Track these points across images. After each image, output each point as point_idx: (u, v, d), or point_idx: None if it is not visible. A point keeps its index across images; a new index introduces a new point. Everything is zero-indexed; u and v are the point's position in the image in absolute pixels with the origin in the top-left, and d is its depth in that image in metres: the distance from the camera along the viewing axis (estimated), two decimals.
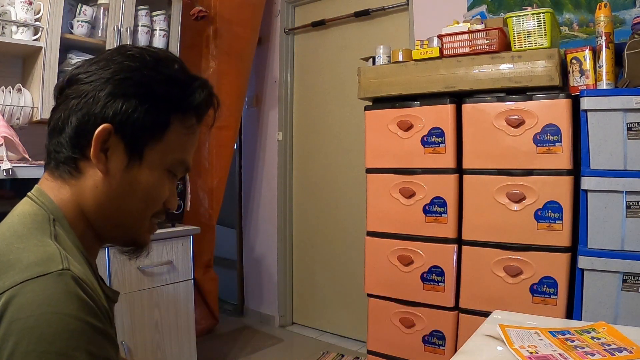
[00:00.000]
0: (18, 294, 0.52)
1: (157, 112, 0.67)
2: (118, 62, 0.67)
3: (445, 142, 1.86)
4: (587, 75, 1.69)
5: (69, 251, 0.61)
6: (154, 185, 0.70)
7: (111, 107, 0.65)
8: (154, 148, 0.68)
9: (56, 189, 0.67)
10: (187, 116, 0.70)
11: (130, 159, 0.67)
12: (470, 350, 0.94)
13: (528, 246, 1.70)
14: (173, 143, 0.69)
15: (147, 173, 0.68)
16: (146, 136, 0.67)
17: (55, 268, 0.55)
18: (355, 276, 2.79)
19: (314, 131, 3.16)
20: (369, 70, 2.09)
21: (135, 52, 0.69)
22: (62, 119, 0.67)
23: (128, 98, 0.65)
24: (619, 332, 0.95)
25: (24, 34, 1.99)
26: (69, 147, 0.66)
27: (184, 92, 0.69)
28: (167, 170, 0.71)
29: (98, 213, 0.68)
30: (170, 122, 0.68)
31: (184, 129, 0.70)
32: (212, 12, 2.80)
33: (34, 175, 1.84)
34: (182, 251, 2.29)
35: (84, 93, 0.65)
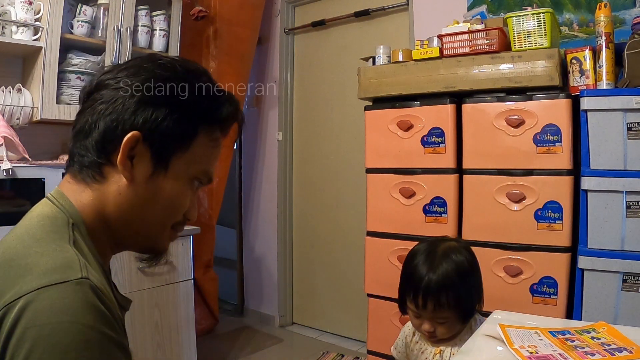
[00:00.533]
0: (35, 299, 0.52)
1: (186, 122, 0.67)
2: (149, 70, 0.67)
3: (445, 142, 1.86)
4: (587, 75, 1.69)
5: (86, 257, 0.60)
6: (178, 195, 0.70)
7: (141, 114, 0.64)
8: (180, 158, 0.68)
9: (77, 192, 0.67)
10: (213, 128, 0.71)
11: (156, 167, 0.67)
12: (470, 350, 0.94)
13: (528, 246, 1.70)
14: (198, 154, 0.70)
15: (172, 182, 0.69)
16: (173, 146, 0.67)
17: (75, 276, 0.54)
18: (355, 276, 2.79)
19: (314, 131, 3.16)
20: (369, 70, 2.09)
21: (167, 62, 0.70)
22: (89, 123, 0.66)
23: (158, 107, 0.65)
24: (619, 332, 0.95)
25: (24, 34, 1.99)
26: (94, 152, 0.66)
27: (212, 105, 0.70)
28: (190, 180, 0.71)
29: (119, 219, 0.68)
30: (197, 133, 0.69)
31: (209, 141, 0.71)
32: (212, 12, 2.80)
33: (34, 175, 1.84)
34: (182, 251, 2.29)
35: (113, 99, 0.65)
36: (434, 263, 1.21)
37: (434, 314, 1.21)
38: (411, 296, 1.21)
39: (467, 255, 1.26)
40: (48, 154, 2.25)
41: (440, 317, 1.21)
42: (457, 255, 1.23)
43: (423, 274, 1.21)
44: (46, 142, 2.26)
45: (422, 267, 1.22)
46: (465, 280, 1.22)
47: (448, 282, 1.19)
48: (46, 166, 1.90)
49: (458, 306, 1.21)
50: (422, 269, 1.22)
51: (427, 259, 1.23)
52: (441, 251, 1.24)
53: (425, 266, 1.22)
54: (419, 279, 1.20)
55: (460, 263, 1.22)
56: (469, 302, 1.23)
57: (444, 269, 1.20)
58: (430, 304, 1.19)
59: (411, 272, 1.24)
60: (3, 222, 1.75)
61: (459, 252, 1.25)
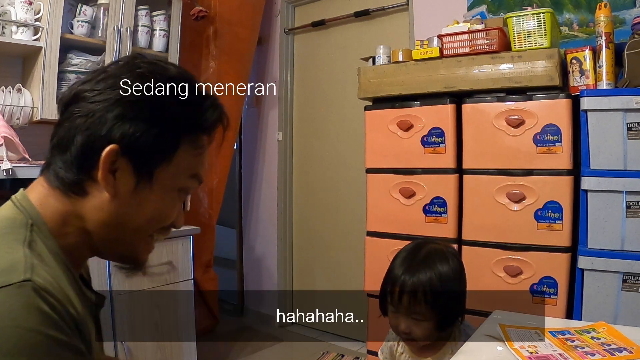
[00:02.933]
0: None
1: (167, 134, 0.65)
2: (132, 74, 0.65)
3: (445, 142, 1.86)
4: (587, 75, 1.69)
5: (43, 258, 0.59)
6: (165, 206, 0.69)
7: (118, 129, 0.62)
8: (164, 169, 0.66)
9: (47, 196, 0.65)
10: (198, 136, 0.69)
11: (139, 180, 0.65)
12: (470, 350, 0.94)
13: (528, 246, 1.70)
14: (183, 163, 0.68)
15: (158, 194, 0.67)
16: (155, 158, 0.65)
17: (17, 279, 0.52)
18: (356, 276, 2.79)
19: (314, 131, 3.16)
20: (369, 70, 2.09)
21: (145, 71, 0.67)
22: (67, 137, 0.65)
23: (137, 121, 0.63)
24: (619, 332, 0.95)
25: (24, 34, 1.99)
26: (74, 168, 0.64)
27: (195, 113, 0.68)
28: (178, 190, 0.69)
29: (102, 232, 0.66)
30: (180, 144, 0.66)
31: (194, 149, 0.69)
32: (212, 12, 2.79)
33: (34, 176, 1.83)
34: (182, 251, 2.29)
35: (90, 112, 0.63)
36: (415, 260, 1.22)
37: (410, 309, 1.19)
38: (388, 291, 1.22)
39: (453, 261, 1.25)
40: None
41: (415, 313, 1.19)
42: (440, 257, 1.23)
43: (402, 269, 1.22)
44: (46, 142, 2.22)
45: (402, 263, 1.23)
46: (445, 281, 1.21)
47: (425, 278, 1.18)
48: None
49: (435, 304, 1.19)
50: (402, 265, 1.23)
51: (408, 256, 1.24)
52: (425, 252, 1.24)
53: (406, 262, 1.23)
54: (397, 275, 1.21)
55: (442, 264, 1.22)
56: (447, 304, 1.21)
57: (423, 265, 1.21)
58: (405, 298, 1.19)
59: (391, 269, 1.25)
60: None
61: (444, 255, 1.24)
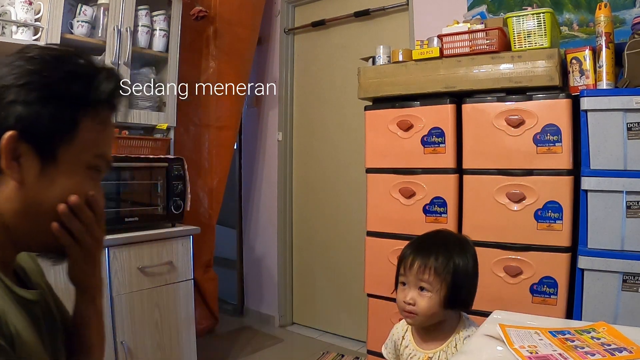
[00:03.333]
0: None
1: (62, 112, 0.65)
2: (18, 67, 0.65)
3: (445, 142, 1.86)
4: (587, 75, 1.69)
5: None
6: (74, 186, 0.67)
7: (12, 114, 0.62)
8: (67, 148, 0.65)
9: None
10: (97, 110, 0.68)
11: (44, 163, 0.64)
12: (470, 350, 0.94)
13: (528, 246, 1.70)
14: (87, 140, 0.67)
15: (65, 175, 0.66)
16: (55, 138, 0.64)
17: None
18: (355, 276, 2.79)
19: (314, 131, 3.16)
20: (369, 70, 2.09)
21: (35, 54, 0.67)
22: None
23: (29, 104, 0.62)
24: (619, 332, 0.95)
25: (24, 34, 1.99)
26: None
27: (89, 87, 0.67)
28: (86, 168, 0.68)
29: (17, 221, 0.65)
30: (78, 120, 0.66)
31: (96, 124, 0.68)
32: (212, 12, 2.80)
33: None
34: (182, 251, 2.29)
35: None
36: (432, 238, 1.27)
37: (418, 276, 1.20)
38: (402, 260, 1.25)
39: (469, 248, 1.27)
40: None
41: (423, 281, 1.19)
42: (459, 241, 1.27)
43: (417, 242, 1.27)
44: None
45: (419, 239, 1.29)
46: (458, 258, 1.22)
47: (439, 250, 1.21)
48: None
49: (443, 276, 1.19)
50: (418, 239, 1.28)
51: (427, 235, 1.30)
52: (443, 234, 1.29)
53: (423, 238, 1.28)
54: (412, 245, 1.26)
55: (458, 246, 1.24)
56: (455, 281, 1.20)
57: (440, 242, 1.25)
58: (416, 264, 1.21)
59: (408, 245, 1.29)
60: None
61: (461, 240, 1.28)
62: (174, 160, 2.34)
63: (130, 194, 2.28)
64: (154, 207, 2.31)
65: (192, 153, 2.83)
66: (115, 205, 2.18)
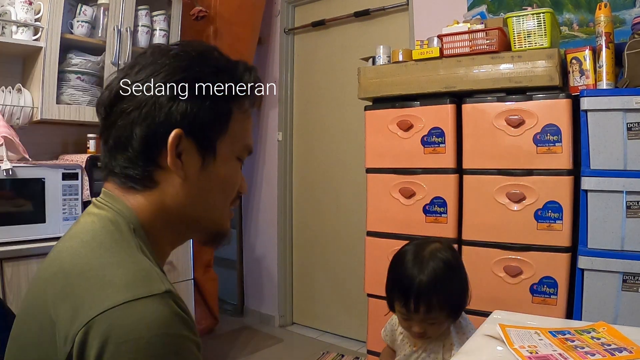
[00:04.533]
0: (123, 314, 0.52)
1: (219, 105, 0.67)
2: (167, 64, 0.66)
3: (445, 142, 1.86)
4: (587, 75, 1.69)
5: (153, 263, 0.61)
6: (231, 176, 0.71)
7: (177, 111, 0.63)
8: (223, 141, 0.68)
9: (129, 197, 0.66)
10: (243, 102, 0.70)
11: (205, 157, 0.67)
12: (470, 350, 0.94)
13: (528, 246, 1.70)
14: (238, 130, 0.70)
15: (223, 166, 0.69)
16: (215, 131, 0.67)
17: (158, 290, 0.55)
18: (355, 276, 2.79)
19: (314, 131, 3.16)
20: (369, 70, 2.09)
21: (179, 50, 0.68)
22: (124, 135, 0.64)
23: (190, 99, 0.64)
24: (619, 332, 0.95)
25: (24, 34, 1.99)
26: (141, 161, 0.64)
27: (235, 79, 0.69)
28: (236, 158, 0.71)
29: (182, 215, 0.68)
30: (232, 111, 0.69)
31: (242, 115, 0.71)
32: (212, 12, 2.80)
33: (34, 175, 1.84)
34: (182, 251, 2.29)
35: (142, 103, 0.63)
36: (423, 266, 1.22)
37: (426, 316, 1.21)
38: (402, 302, 1.22)
39: (452, 253, 1.28)
40: (48, 154, 2.25)
41: (431, 318, 1.21)
42: (443, 255, 1.24)
43: (413, 278, 1.21)
44: (46, 142, 2.26)
45: (411, 271, 1.22)
46: (454, 279, 1.23)
47: (438, 283, 1.19)
48: (46, 166, 1.90)
49: (449, 306, 1.22)
50: (411, 273, 1.22)
51: (415, 262, 1.23)
52: (428, 253, 1.25)
53: (415, 270, 1.22)
54: (409, 284, 1.20)
55: (447, 262, 1.23)
56: (458, 300, 1.24)
57: (433, 270, 1.20)
58: (422, 308, 1.20)
59: (400, 277, 1.24)
60: (3, 222, 1.75)
61: (444, 251, 1.26)
62: None
63: None
64: None
65: None
66: None
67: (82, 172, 1.99)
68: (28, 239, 1.79)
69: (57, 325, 0.54)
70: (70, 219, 1.92)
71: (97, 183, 2.05)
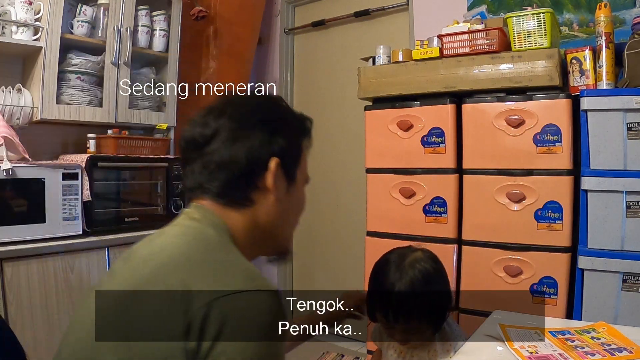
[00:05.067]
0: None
1: (297, 142, 0.86)
2: (258, 106, 0.86)
3: (445, 142, 1.86)
4: (587, 75, 1.69)
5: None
6: (303, 199, 0.90)
7: (275, 144, 0.80)
8: (298, 169, 0.85)
9: (227, 214, 0.79)
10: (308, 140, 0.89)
11: (289, 182, 0.83)
12: (470, 350, 0.94)
13: (528, 246, 1.69)
14: (304, 162, 0.88)
15: (298, 190, 0.87)
16: (295, 162, 0.85)
17: (272, 287, 0.69)
18: (355, 276, 2.79)
19: (314, 131, 3.15)
20: (369, 70, 2.09)
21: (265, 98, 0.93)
22: (228, 160, 0.78)
23: (282, 134, 0.81)
24: (619, 332, 0.95)
25: (24, 34, 1.99)
26: (243, 184, 0.79)
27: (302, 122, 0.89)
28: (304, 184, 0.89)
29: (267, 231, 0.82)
30: (302, 146, 0.87)
31: (307, 150, 0.89)
32: (212, 12, 2.79)
33: (34, 175, 1.84)
34: None
35: (243, 136, 0.78)
36: (401, 276, 1.23)
37: (406, 326, 1.22)
38: (381, 312, 1.22)
39: (432, 263, 1.28)
40: (48, 154, 2.25)
41: (412, 328, 1.22)
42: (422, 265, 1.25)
43: (391, 288, 1.22)
44: (46, 142, 2.26)
45: (389, 282, 1.23)
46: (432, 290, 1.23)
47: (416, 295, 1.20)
48: (46, 166, 1.90)
49: (429, 316, 1.22)
50: (390, 284, 1.23)
51: (395, 272, 1.25)
52: (408, 263, 1.25)
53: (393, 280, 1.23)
54: (388, 295, 1.22)
55: (426, 272, 1.23)
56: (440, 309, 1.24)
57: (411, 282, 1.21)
58: (401, 318, 1.21)
59: (379, 287, 1.25)
60: (3, 222, 1.75)
61: (424, 261, 1.26)
62: (174, 160, 2.34)
63: (130, 194, 2.28)
64: (154, 207, 2.31)
65: None
66: (115, 205, 2.18)
67: (82, 172, 1.99)
68: (28, 239, 1.79)
69: (178, 303, 0.64)
70: (70, 218, 1.92)
71: (97, 183, 2.05)
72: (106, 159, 2.11)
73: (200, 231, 0.75)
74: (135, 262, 0.75)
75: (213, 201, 0.79)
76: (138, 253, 0.77)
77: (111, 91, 2.24)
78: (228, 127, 0.78)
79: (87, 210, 1.99)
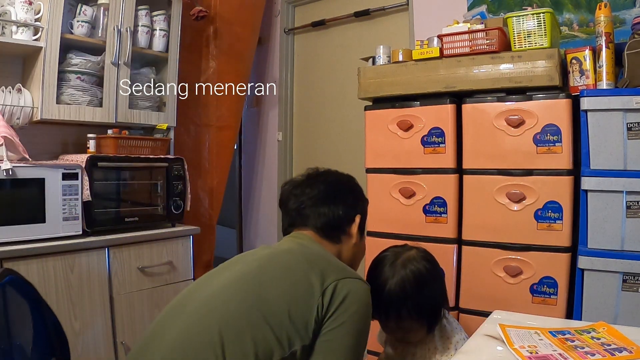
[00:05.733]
0: (356, 282, 1.06)
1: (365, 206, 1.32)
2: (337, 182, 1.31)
3: (445, 142, 1.86)
4: (587, 75, 1.68)
5: None
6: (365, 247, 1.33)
7: (360, 206, 1.29)
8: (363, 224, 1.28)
9: (324, 243, 1.21)
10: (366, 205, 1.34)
11: (361, 233, 1.27)
12: (470, 350, 0.94)
13: (528, 246, 1.69)
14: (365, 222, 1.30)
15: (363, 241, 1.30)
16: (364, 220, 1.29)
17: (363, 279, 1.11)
18: None
19: (314, 131, 3.16)
20: (369, 70, 2.09)
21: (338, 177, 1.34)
22: (329, 213, 1.22)
23: (362, 200, 1.32)
24: (619, 332, 0.95)
25: (24, 34, 1.99)
26: (338, 228, 1.23)
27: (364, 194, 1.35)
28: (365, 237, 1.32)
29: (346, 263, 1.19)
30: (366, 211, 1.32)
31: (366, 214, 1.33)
32: (212, 12, 2.80)
33: (34, 175, 1.84)
34: (182, 251, 2.29)
35: (340, 200, 1.24)
36: (393, 276, 1.25)
37: (398, 324, 1.24)
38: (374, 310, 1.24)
39: (425, 263, 1.28)
40: (48, 154, 2.25)
41: (404, 327, 1.25)
42: (414, 265, 1.26)
43: (382, 288, 1.24)
44: (46, 142, 2.26)
45: (381, 281, 1.26)
46: (424, 290, 1.24)
47: (407, 295, 1.22)
48: (46, 166, 1.90)
49: (421, 315, 1.24)
50: (381, 283, 1.25)
51: (387, 271, 1.27)
52: (400, 263, 1.27)
53: (385, 280, 1.26)
54: (379, 294, 1.23)
55: (417, 272, 1.25)
56: (431, 309, 1.26)
57: (402, 281, 1.23)
58: (393, 317, 1.24)
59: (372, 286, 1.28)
60: (3, 222, 1.75)
61: (416, 261, 1.28)
62: (174, 160, 2.34)
63: (130, 194, 2.28)
64: (154, 207, 2.31)
65: (192, 153, 2.83)
66: (115, 205, 2.18)
67: (82, 172, 1.99)
68: (28, 239, 1.80)
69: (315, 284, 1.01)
70: (70, 218, 1.92)
71: (97, 183, 2.05)
72: (106, 159, 2.11)
73: (309, 245, 1.16)
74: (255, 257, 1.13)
75: (314, 232, 1.20)
76: (249, 258, 1.14)
77: (111, 91, 2.24)
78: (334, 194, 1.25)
79: (87, 210, 1.99)
